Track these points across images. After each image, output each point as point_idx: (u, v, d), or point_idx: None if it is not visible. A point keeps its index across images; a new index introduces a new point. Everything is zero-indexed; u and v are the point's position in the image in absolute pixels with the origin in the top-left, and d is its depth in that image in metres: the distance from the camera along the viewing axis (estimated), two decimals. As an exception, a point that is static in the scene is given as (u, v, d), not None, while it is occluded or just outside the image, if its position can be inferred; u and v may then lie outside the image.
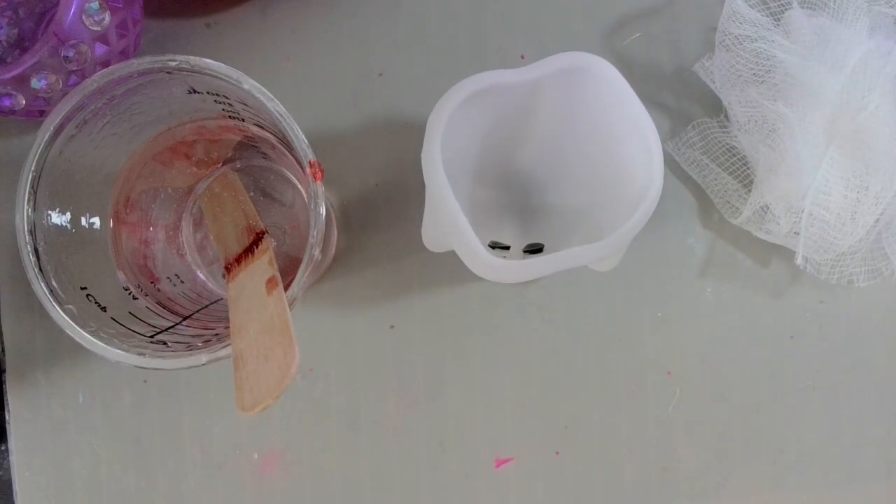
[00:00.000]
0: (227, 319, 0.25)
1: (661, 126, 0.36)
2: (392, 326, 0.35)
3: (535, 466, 0.35)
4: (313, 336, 0.35)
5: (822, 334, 0.36)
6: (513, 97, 0.29)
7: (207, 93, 0.26)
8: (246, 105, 0.26)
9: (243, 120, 0.28)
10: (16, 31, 0.34)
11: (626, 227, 0.27)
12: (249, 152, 0.32)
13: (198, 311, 0.30)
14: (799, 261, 0.33)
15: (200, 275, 0.33)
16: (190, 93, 0.26)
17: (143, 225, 0.31)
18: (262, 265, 0.27)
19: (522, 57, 0.36)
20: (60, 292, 0.25)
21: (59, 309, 0.24)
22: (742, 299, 0.36)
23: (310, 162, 0.24)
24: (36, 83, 0.29)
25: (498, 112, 0.30)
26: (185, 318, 0.29)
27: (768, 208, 0.34)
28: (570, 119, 0.30)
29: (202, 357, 0.24)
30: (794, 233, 0.33)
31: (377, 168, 0.35)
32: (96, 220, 0.28)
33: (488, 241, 0.33)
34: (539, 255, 0.32)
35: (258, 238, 0.29)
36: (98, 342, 0.24)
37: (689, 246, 0.36)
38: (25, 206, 0.24)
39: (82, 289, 0.26)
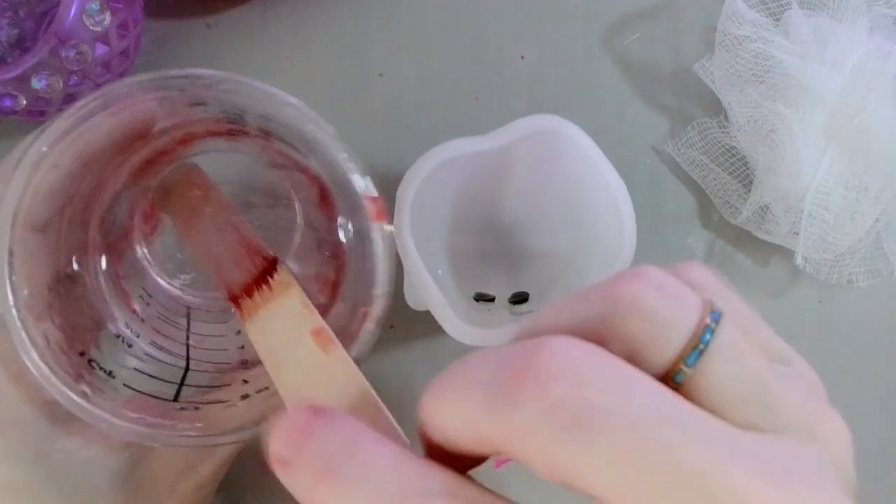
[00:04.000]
0: (241, 364, 0.23)
1: (661, 126, 0.36)
2: (392, 326, 0.35)
3: (535, 466, 0.35)
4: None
5: (822, 334, 0.36)
6: (485, 160, 0.29)
7: (222, 110, 0.22)
8: (270, 120, 0.22)
9: (245, 123, 0.24)
10: (16, 31, 0.34)
11: None
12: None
13: (191, 350, 0.25)
14: (799, 261, 0.33)
15: (161, 281, 0.28)
16: (193, 105, 0.22)
17: (116, 241, 0.26)
18: (293, 307, 0.21)
19: (522, 57, 0.36)
20: (61, 366, 0.19)
21: (73, 395, 0.19)
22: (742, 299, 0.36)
23: (371, 198, 0.20)
24: (36, 83, 0.29)
25: (472, 172, 0.30)
26: (187, 365, 0.24)
27: (768, 208, 0.34)
28: (545, 176, 0.31)
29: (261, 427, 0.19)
30: (794, 233, 0.33)
31: (377, 169, 0.35)
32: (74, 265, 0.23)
33: (473, 293, 0.33)
34: (524, 304, 0.32)
35: (270, 266, 0.24)
36: (135, 427, 0.19)
37: (689, 246, 0.36)
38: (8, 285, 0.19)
39: (81, 354, 0.21)
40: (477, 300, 0.33)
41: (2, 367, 0.19)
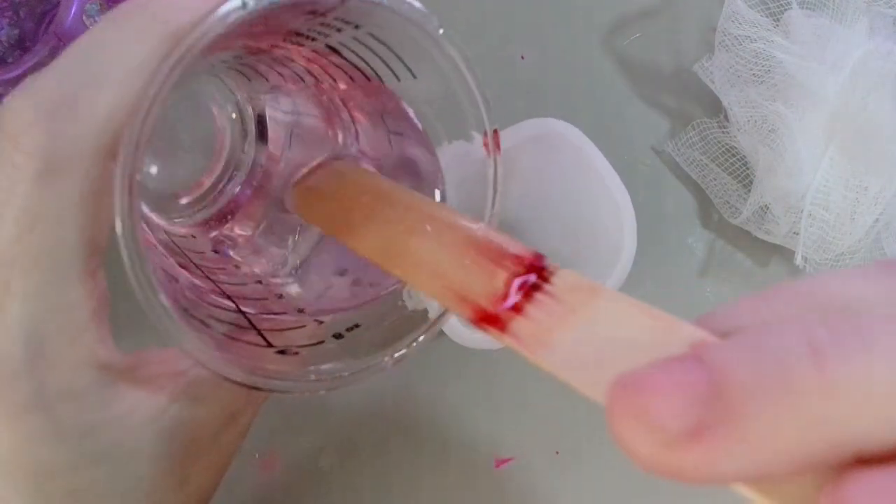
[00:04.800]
0: (278, 298, 0.20)
1: (661, 126, 0.36)
2: (392, 326, 0.35)
3: (535, 466, 0.35)
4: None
5: (822, 334, 0.36)
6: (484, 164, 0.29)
7: (325, 22, 0.19)
8: (374, 39, 0.20)
9: (325, 37, 0.20)
10: (17, 31, 0.34)
11: None
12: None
13: (224, 287, 0.21)
14: (798, 261, 0.33)
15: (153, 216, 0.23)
16: (308, 13, 0.18)
17: None
18: (618, 313, 0.15)
19: (522, 57, 0.36)
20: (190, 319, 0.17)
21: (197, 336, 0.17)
22: (742, 299, 0.36)
23: (492, 132, 0.20)
24: (37, 83, 0.29)
25: (472, 174, 0.30)
26: (237, 305, 0.21)
27: (768, 208, 0.34)
28: (545, 178, 0.31)
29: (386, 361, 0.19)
30: (794, 233, 0.34)
31: (377, 168, 0.35)
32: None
33: None
34: None
35: (531, 262, 0.18)
36: (265, 380, 0.17)
37: (689, 246, 0.36)
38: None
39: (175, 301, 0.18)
40: None
41: (56, 330, 0.17)
